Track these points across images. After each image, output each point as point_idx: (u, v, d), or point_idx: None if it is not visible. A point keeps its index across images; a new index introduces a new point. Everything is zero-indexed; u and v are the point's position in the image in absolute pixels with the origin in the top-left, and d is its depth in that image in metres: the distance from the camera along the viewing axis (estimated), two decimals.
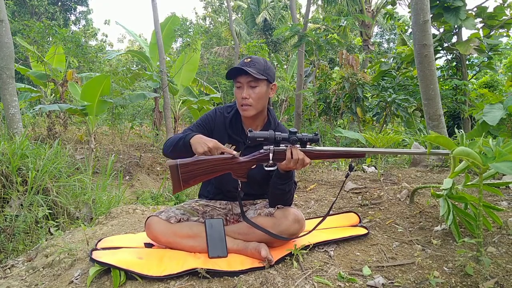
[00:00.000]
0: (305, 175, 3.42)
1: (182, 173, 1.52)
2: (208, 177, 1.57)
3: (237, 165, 1.55)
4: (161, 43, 8.34)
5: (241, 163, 1.55)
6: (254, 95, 1.66)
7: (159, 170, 6.74)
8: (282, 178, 1.61)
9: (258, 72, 1.64)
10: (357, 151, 1.59)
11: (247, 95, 1.65)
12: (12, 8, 15.44)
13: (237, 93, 1.69)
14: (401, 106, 6.16)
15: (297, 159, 1.50)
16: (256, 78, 1.64)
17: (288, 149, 1.52)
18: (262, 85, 1.68)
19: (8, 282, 1.72)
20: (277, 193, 1.65)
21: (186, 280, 1.46)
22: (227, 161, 1.54)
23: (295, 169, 1.54)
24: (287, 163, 1.52)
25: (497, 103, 3.77)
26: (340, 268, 1.49)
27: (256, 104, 1.68)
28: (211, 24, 23.69)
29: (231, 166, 1.55)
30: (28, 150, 3.19)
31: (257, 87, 1.66)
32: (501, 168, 1.28)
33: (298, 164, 1.51)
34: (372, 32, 13.47)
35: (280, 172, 1.59)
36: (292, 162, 1.51)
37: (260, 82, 1.66)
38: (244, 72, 1.63)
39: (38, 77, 7.56)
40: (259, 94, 1.67)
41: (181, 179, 1.52)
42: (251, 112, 1.69)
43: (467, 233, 1.69)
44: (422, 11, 4.12)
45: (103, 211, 3.20)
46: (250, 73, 1.61)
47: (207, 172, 1.54)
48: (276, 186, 1.63)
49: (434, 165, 3.21)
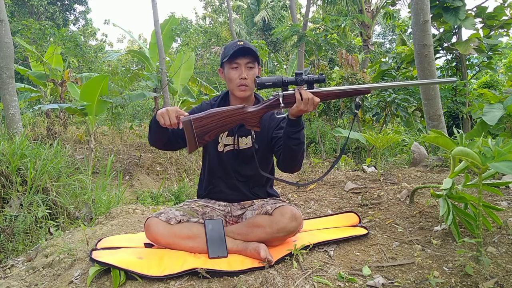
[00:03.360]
0: (305, 175, 3.42)
1: (196, 128, 1.51)
2: (222, 130, 1.58)
3: (249, 113, 1.56)
4: (161, 43, 8.34)
5: (253, 112, 1.56)
6: (251, 76, 1.71)
7: (159, 170, 6.74)
8: (295, 125, 1.59)
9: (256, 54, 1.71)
10: (361, 88, 1.58)
11: (246, 75, 1.70)
12: (12, 8, 15.43)
13: (233, 74, 1.71)
14: (401, 106, 6.16)
15: (307, 98, 1.49)
16: (254, 59, 1.70)
17: (296, 91, 1.52)
18: (256, 67, 1.74)
19: (8, 282, 1.72)
20: (292, 144, 1.61)
21: (186, 280, 1.46)
22: (238, 111, 1.55)
23: (307, 111, 1.52)
24: (298, 105, 1.51)
25: (497, 103, 3.77)
26: (340, 268, 1.49)
27: (252, 84, 1.72)
28: (211, 24, 23.68)
29: (244, 116, 1.56)
30: (27, 150, 3.19)
31: (254, 68, 1.73)
32: (500, 168, 1.28)
33: (309, 104, 1.50)
34: (372, 32, 13.47)
35: (292, 120, 1.58)
36: (303, 103, 1.50)
37: (255, 64, 1.73)
38: (246, 53, 1.68)
39: (38, 77, 7.56)
40: (255, 75, 1.72)
41: (196, 135, 1.51)
42: (248, 92, 1.74)
43: (467, 233, 1.69)
44: (422, 11, 4.13)
45: (103, 211, 3.20)
46: (251, 54, 1.67)
47: (220, 125, 1.54)
48: (291, 135, 1.60)
49: (434, 165, 3.21)
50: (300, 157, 1.68)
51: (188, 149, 1.56)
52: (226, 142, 1.80)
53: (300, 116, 1.58)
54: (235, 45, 1.71)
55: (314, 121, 8.49)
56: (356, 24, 12.03)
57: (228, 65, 1.73)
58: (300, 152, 1.65)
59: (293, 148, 1.63)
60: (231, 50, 1.68)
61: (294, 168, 1.74)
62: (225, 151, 1.80)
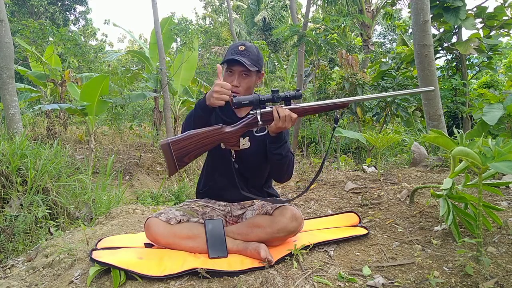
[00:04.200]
0: (305, 175, 3.42)
1: (174, 151, 1.52)
2: (200, 152, 1.57)
3: (227, 133, 1.56)
4: (161, 43, 8.34)
5: (232, 131, 1.56)
6: (244, 84, 1.68)
7: (159, 170, 6.74)
8: (276, 141, 1.61)
9: (252, 63, 1.65)
10: (340, 102, 1.58)
11: (238, 83, 1.67)
12: (12, 8, 15.43)
13: (227, 80, 1.69)
14: (401, 106, 6.17)
15: (284, 116, 1.51)
16: (249, 69, 1.66)
17: (274, 109, 1.53)
18: (253, 75, 1.71)
19: (8, 282, 1.72)
20: (276, 159, 1.64)
21: (186, 280, 1.46)
22: (217, 131, 1.56)
23: (285, 128, 1.54)
24: (275, 122, 1.53)
25: (497, 103, 3.77)
26: (340, 268, 1.49)
27: (245, 92, 1.69)
28: (211, 24, 23.68)
29: (222, 136, 1.56)
30: (28, 150, 3.19)
31: (249, 77, 1.69)
32: (500, 167, 1.28)
33: (287, 121, 1.52)
34: (372, 32, 13.47)
35: (272, 136, 1.60)
36: (280, 121, 1.52)
37: (251, 72, 1.69)
38: (239, 62, 1.64)
39: (38, 77, 7.56)
40: (249, 83, 1.69)
41: (175, 157, 1.52)
42: None
43: (467, 233, 1.69)
44: (422, 11, 4.13)
45: (103, 211, 3.20)
46: (245, 65, 1.63)
47: (198, 146, 1.54)
48: (272, 151, 1.63)
49: (434, 165, 3.21)
50: (287, 169, 1.70)
51: (167, 172, 1.57)
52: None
53: (280, 132, 1.59)
54: (235, 49, 1.68)
55: (314, 121, 8.49)
56: (356, 24, 12.03)
57: (225, 68, 1.71)
58: (285, 165, 1.67)
59: (277, 163, 1.66)
60: (229, 55, 1.66)
61: (283, 179, 1.78)
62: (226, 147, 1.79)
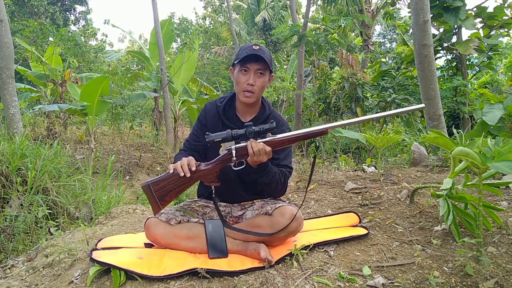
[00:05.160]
0: (305, 175, 3.42)
1: (155, 191, 1.56)
2: (180, 190, 1.59)
3: (204, 171, 1.57)
4: (161, 43, 8.35)
5: (208, 169, 1.57)
6: (259, 83, 1.68)
7: (159, 170, 6.74)
8: (257, 172, 1.61)
9: (268, 62, 1.66)
10: (317, 130, 1.57)
11: (253, 81, 1.66)
12: (12, 8, 15.43)
13: (241, 78, 1.68)
14: (401, 106, 6.17)
15: (258, 150, 1.51)
16: (266, 66, 1.66)
17: (248, 144, 1.53)
18: (267, 75, 1.71)
19: (8, 282, 1.72)
20: (261, 184, 1.66)
21: (186, 280, 1.46)
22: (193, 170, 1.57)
23: (261, 161, 1.53)
24: (251, 157, 1.53)
25: (497, 103, 3.77)
26: (340, 268, 1.49)
27: (259, 92, 1.70)
28: (211, 24, 23.68)
29: (199, 174, 1.58)
30: (28, 150, 3.19)
31: (263, 76, 1.69)
32: (500, 167, 1.28)
33: (261, 155, 1.52)
34: (372, 32, 13.47)
35: (253, 167, 1.60)
36: (255, 155, 1.52)
37: (266, 72, 1.69)
38: (257, 58, 1.64)
39: (38, 77, 7.56)
40: (263, 83, 1.69)
41: (156, 197, 1.56)
42: (253, 99, 1.70)
43: (467, 233, 1.69)
44: (422, 11, 4.13)
45: (103, 211, 3.20)
46: (263, 60, 1.63)
47: (178, 185, 1.57)
48: (256, 180, 1.64)
49: (434, 165, 3.21)
50: (276, 189, 1.71)
51: (153, 211, 1.61)
52: (228, 146, 1.78)
53: (260, 164, 1.57)
54: (250, 48, 1.67)
55: (314, 121, 8.50)
56: (356, 24, 12.03)
57: (238, 67, 1.70)
58: (273, 187, 1.68)
59: (265, 187, 1.67)
60: (244, 53, 1.65)
61: (275, 196, 1.81)
62: None
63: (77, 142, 7.43)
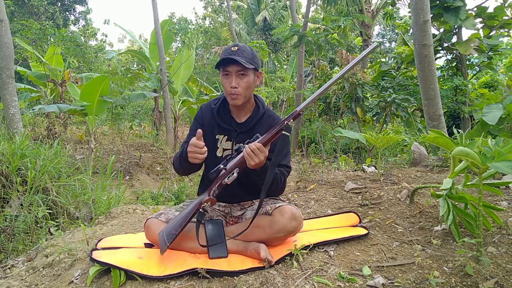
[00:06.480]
0: (305, 175, 3.42)
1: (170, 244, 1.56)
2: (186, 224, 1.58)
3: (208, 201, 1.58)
4: (161, 43, 8.35)
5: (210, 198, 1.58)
6: (243, 83, 1.66)
7: (159, 170, 6.74)
8: (259, 174, 1.60)
9: (247, 61, 1.63)
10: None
11: (236, 84, 1.65)
12: (12, 8, 15.43)
13: (225, 82, 1.68)
14: (401, 106, 6.17)
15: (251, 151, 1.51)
16: (245, 67, 1.63)
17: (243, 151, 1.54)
18: (250, 74, 1.67)
19: (8, 282, 1.72)
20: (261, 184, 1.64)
21: (186, 280, 1.46)
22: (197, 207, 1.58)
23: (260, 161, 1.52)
24: (248, 160, 1.52)
25: (497, 103, 3.77)
26: (340, 268, 1.49)
27: (245, 92, 1.68)
28: (211, 24, 23.68)
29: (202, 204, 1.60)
30: (28, 150, 3.19)
31: (246, 76, 1.66)
32: (500, 167, 1.27)
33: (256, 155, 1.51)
34: (372, 32, 13.46)
35: (256, 170, 1.59)
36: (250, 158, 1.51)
37: (248, 71, 1.66)
38: (233, 61, 1.62)
39: (38, 77, 7.56)
40: (248, 82, 1.67)
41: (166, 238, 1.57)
42: (240, 101, 1.69)
43: (467, 233, 1.69)
44: (422, 11, 4.13)
45: (103, 211, 3.20)
46: (240, 62, 1.60)
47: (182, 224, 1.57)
48: (257, 182, 1.64)
49: (434, 165, 3.21)
50: (276, 188, 1.71)
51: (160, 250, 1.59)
52: (226, 147, 1.77)
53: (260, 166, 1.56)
54: (228, 50, 1.66)
55: (314, 121, 8.50)
56: (356, 24, 12.03)
57: (221, 72, 1.70)
58: (273, 187, 1.67)
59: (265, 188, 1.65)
60: (223, 56, 1.65)
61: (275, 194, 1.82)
62: (223, 155, 1.77)
63: (77, 142, 7.43)
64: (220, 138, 1.77)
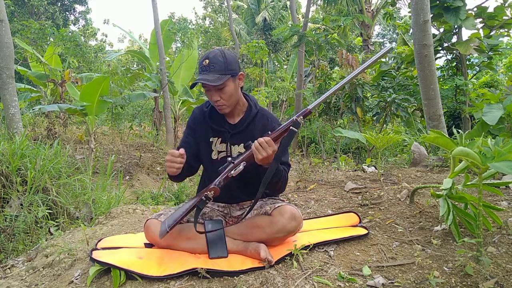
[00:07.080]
0: (305, 175, 3.42)
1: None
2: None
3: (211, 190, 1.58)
4: (161, 43, 8.34)
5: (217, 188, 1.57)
6: (224, 95, 1.64)
7: (159, 170, 6.74)
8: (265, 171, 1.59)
9: (220, 74, 1.59)
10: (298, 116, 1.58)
11: (217, 97, 1.64)
12: (12, 8, 15.43)
13: (207, 96, 1.67)
14: (401, 106, 6.17)
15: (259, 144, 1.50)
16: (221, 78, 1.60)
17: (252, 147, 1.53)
18: (229, 83, 1.63)
19: (8, 282, 1.72)
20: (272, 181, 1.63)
21: (186, 280, 1.46)
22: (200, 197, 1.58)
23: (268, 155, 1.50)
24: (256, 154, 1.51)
25: (497, 103, 3.77)
26: (340, 268, 1.49)
27: (229, 101, 1.66)
28: (211, 24, 23.68)
29: None
30: (28, 150, 3.19)
31: (225, 87, 1.62)
32: (500, 167, 1.27)
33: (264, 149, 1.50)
34: (372, 32, 13.48)
35: (263, 167, 1.59)
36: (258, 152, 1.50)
37: (225, 83, 1.62)
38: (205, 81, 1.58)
39: (38, 77, 7.56)
40: (228, 92, 1.64)
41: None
42: (227, 109, 1.69)
43: (467, 233, 1.69)
44: (422, 11, 4.13)
45: (103, 211, 3.20)
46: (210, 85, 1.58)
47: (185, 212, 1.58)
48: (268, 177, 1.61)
49: (434, 165, 3.21)
50: (280, 186, 1.71)
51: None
52: (220, 149, 1.76)
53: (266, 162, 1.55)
54: (201, 66, 1.62)
55: (314, 121, 8.50)
56: (356, 24, 12.04)
57: None
58: (276, 180, 1.66)
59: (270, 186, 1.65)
60: (199, 72, 1.64)
61: (275, 193, 1.82)
62: (219, 158, 1.75)
63: (77, 142, 7.42)
64: (214, 140, 1.76)
